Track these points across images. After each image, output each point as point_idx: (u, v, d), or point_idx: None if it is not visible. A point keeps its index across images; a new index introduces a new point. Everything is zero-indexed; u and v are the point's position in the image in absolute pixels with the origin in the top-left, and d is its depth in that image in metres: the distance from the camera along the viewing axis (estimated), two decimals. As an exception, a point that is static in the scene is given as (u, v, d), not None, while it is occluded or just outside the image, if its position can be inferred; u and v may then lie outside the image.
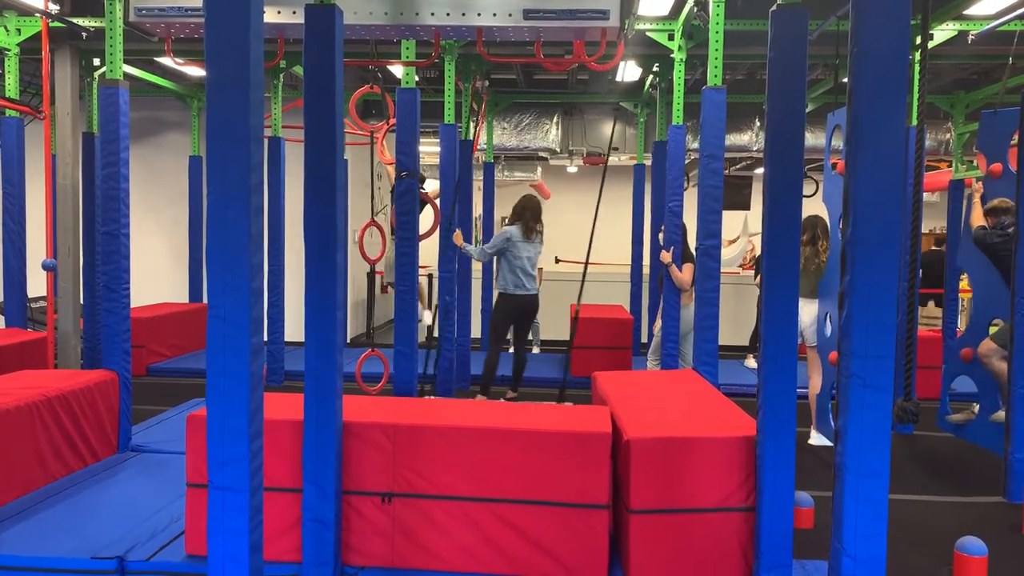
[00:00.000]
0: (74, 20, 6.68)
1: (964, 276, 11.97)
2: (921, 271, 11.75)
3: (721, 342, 5.67)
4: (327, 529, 3.36)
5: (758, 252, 9.01)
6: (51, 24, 6.35)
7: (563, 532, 3.41)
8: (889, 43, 2.69)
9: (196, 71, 8.67)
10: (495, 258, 6.77)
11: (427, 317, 8.86)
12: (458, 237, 6.74)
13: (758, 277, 9.12)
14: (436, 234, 6.41)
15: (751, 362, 8.92)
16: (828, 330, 5.57)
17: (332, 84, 3.33)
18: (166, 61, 8.51)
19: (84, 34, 6.78)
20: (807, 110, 9.58)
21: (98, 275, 5.40)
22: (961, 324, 11.23)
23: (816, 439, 5.91)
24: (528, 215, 6.56)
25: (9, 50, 6.78)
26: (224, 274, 2.58)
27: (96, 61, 8.06)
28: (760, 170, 13.33)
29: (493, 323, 6.76)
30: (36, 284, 7.74)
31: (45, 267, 5.97)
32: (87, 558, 3.48)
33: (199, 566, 3.39)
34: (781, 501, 3.24)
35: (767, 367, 3.26)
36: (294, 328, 9.00)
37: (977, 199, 5.67)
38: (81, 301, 7.60)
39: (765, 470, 3.24)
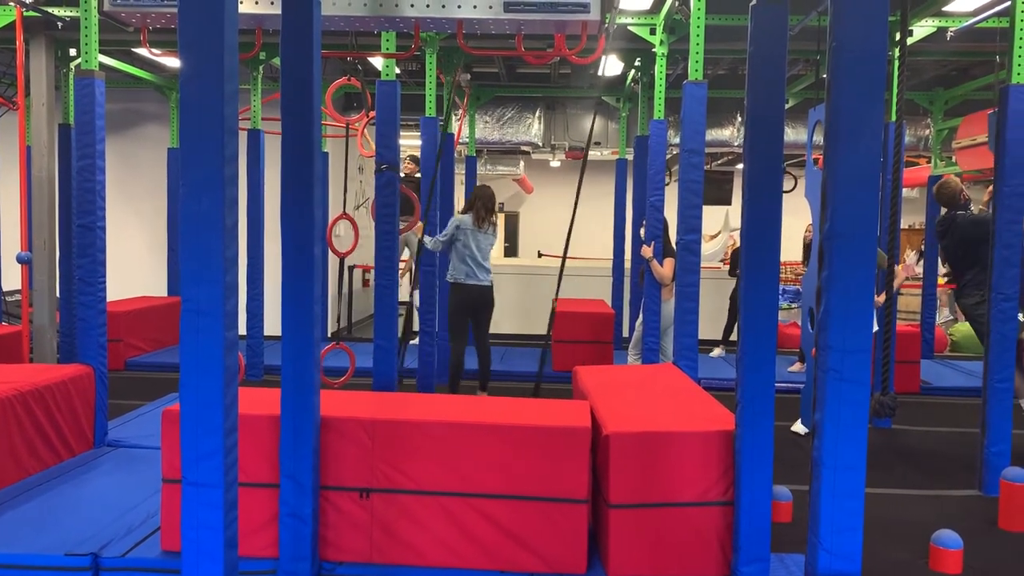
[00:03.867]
0: (49, 9, 6.59)
1: (944, 269, 12.11)
2: None
3: (701, 336, 5.69)
4: (304, 524, 3.33)
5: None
6: (25, 13, 6.25)
7: (542, 526, 3.40)
8: (867, 39, 2.69)
9: (173, 62, 8.58)
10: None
11: None
12: (418, 228, 6.56)
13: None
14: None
15: (717, 352, 9.03)
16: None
17: (310, 76, 3.29)
18: (143, 52, 8.41)
19: (59, 24, 6.68)
20: (788, 105, 9.66)
21: (74, 268, 5.33)
22: (939, 318, 11.34)
23: (798, 427, 5.97)
24: (480, 204, 6.44)
25: (-18, 40, 6.68)
26: (198, 267, 2.55)
27: (72, 51, 7.96)
28: (742, 165, 13.40)
29: (448, 318, 6.57)
30: (11, 277, 7.64)
31: (20, 260, 5.89)
32: (61, 555, 3.43)
33: (174, 562, 3.35)
34: (759, 495, 3.25)
35: (746, 362, 3.26)
36: (274, 322, 8.94)
37: None
38: (57, 294, 7.51)
39: (743, 464, 3.25)
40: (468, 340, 6.66)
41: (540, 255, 14.88)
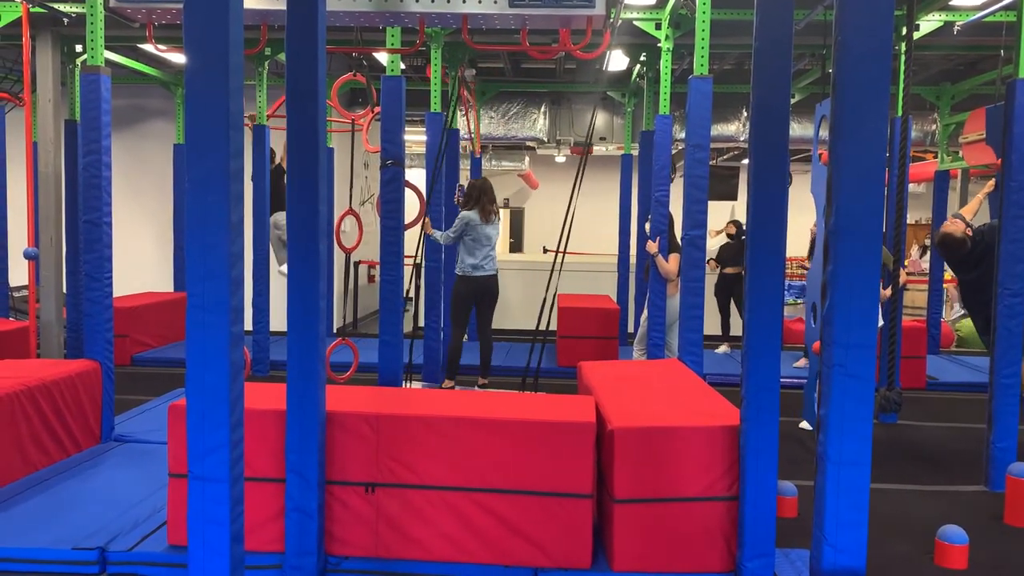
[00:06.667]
0: (55, 5, 6.60)
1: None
2: None
3: (706, 332, 5.68)
4: (310, 519, 3.34)
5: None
6: (32, 9, 6.26)
7: (547, 521, 3.41)
8: (872, 34, 2.68)
9: (179, 58, 8.59)
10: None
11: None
12: (427, 225, 6.73)
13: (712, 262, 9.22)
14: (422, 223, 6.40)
15: (723, 348, 9.05)
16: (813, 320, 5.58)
17: (315, 71, 3.29)
18: (149, 48, 8.42)
19: (65, 20, 6.70)
20: (794, 100, 9.63)
21: (80, 264, 5.36)
22: (946, 314, 11.32)
23: (806, 423, 5.96)
24: (485, 199, 6.63)
25: (-11, 36, 6.70)
26: (203, 262, 2.56)
27: (78, 47, 7.97)
28: (747, 160, 13.33)
29: (452, 307, 6.79)
30: (18, 273, 7.67)
31: (27, 256, 5.91)
32: (68, 549, 3.46)
33: (181, 556, 3.37)
34: (764, 490, 3.25)
35: (750, 357, 3.26)
36: (280, 318, 8.95)
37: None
38: (64, 290, 7.54)
39: (748, 459, 3.25)
40: (469, 331, 6.78)
41: (545, 251, 14.86)
